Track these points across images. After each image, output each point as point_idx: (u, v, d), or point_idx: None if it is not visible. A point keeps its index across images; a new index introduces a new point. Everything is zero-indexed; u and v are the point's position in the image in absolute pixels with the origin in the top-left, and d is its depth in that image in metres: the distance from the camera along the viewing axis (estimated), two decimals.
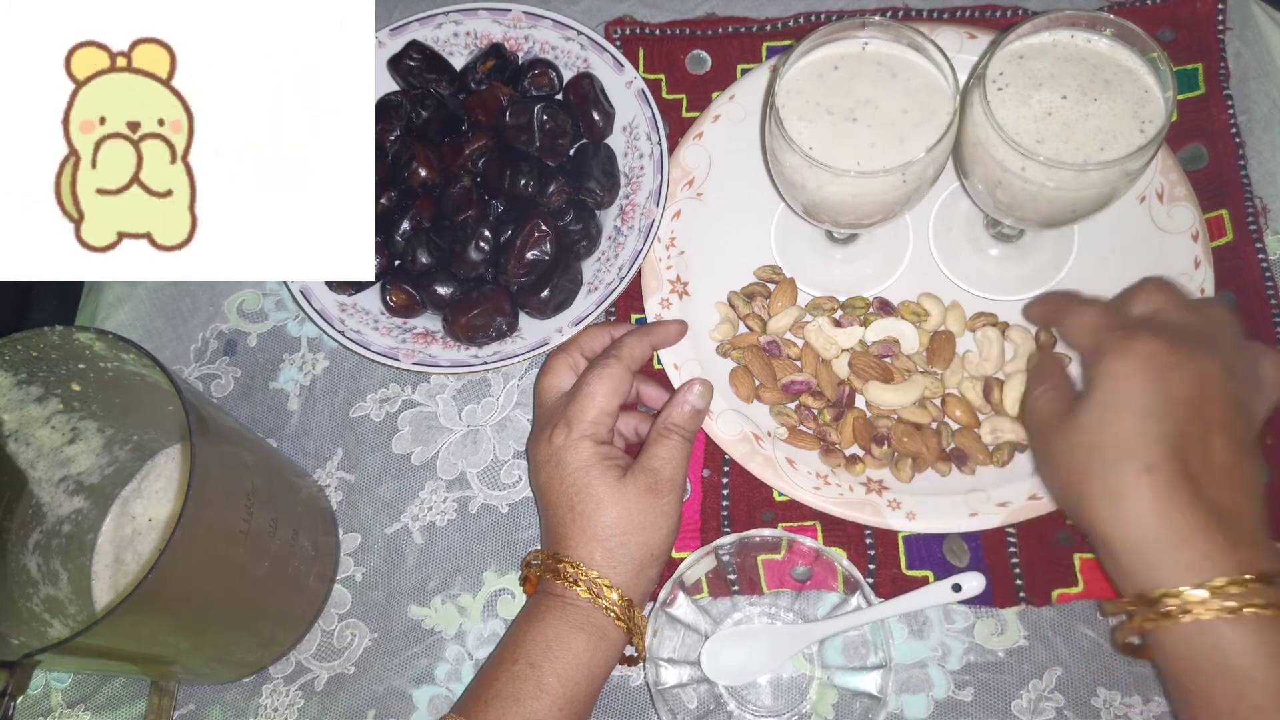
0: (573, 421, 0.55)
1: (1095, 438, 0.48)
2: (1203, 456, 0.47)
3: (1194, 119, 0.68)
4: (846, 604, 0.58)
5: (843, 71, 0.55)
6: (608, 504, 0.53)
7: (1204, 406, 0.47)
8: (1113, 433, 0.47)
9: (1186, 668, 0.46)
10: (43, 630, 0.56)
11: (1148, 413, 0.47)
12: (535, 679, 0.51)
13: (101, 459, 0.61)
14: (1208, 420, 0.47)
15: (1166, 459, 0.46)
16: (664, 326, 0.62)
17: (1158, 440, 0.46)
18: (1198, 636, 0.45)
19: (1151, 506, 0.46)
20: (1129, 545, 0.47)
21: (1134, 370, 0.48)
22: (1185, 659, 0.46)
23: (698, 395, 0.57)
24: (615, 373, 0.56)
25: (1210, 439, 0.47)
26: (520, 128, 0.65)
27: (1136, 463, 0.46)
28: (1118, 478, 0.47)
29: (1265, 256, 0.64)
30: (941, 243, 0.66)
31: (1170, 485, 0.46)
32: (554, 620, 0.52)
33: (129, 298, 0.71)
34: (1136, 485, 0.46)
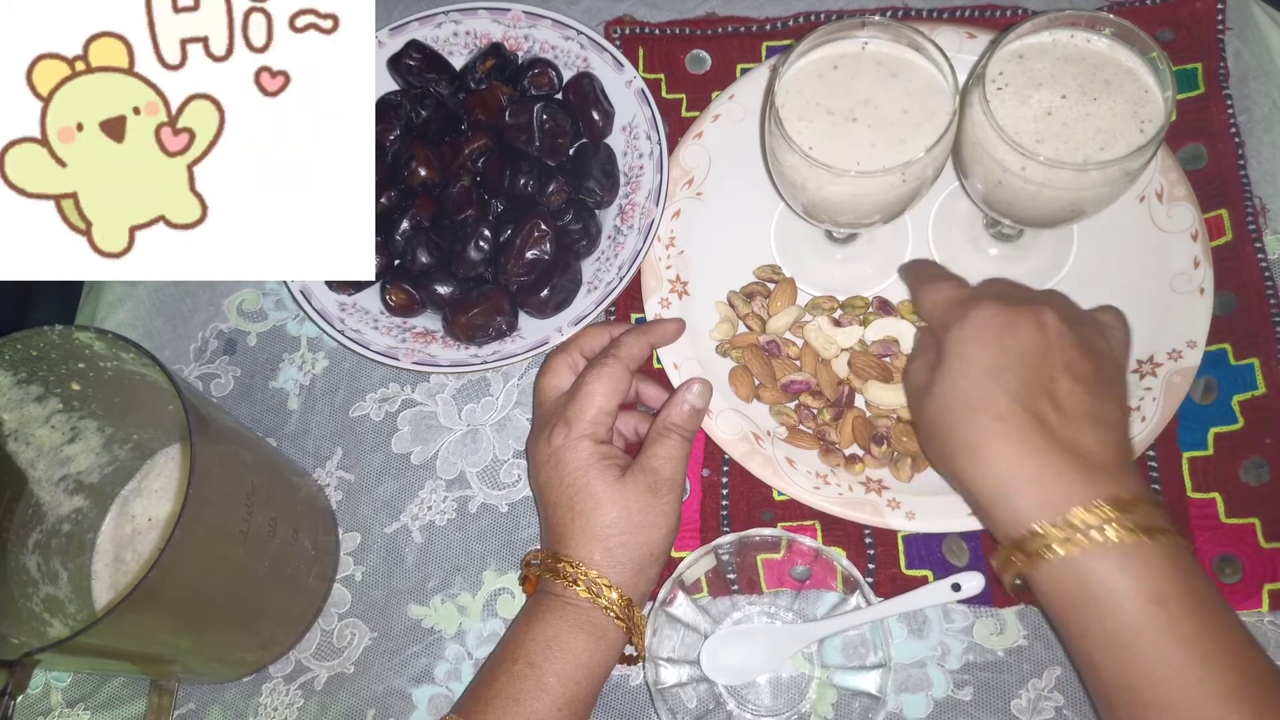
0: (572, 421, 0.55)
1: (949, 399, 0.51)
2: (1052, 400, 0.49)
3: (1194, 119, 0.68)
4: (846, 603, 0.58)
5: (843, 71, 0.56)
6: (607, 503, 0.53)
7: (1047, 354, 0.50)
8: (963, 390, 0.50)
9: (1061, 604, 0.48)
10: (43, 629, 0.56)
11: (991, 369, 0.50)
12: (535, 679, 0.51)
13: (101, 458, 0.61)
14: (1053, 366, 0.50)
15: (1014, 407, 0.49)
16: (662, 325, 0.62)
17: (1005, 391, 0.49)
18: (1065, 572, 0.47)
19: (1006, 452, 0.48)
20: (992, 493, 0.49)
21: (975, 333, 0.51)
22: (1059, 596, 0.47)
23: (696, 395, 0.57)
24: (614, 372, 0.56)
25: (1057, 383, 0.50)
26: (520, 127, 0.65)
27: (987, 414, 0.49)
28: (973, 431, 0.49)
29: (1265, 256, 0.64)
30: (941, 243, 0.66)
31: (1021, 430, 0.48)
32: (553, 620, 0.52)
33: (129, 297, 0.71)
34: (990, 434, 0.49)
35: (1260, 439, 0.60)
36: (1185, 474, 0.60)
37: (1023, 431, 0.48)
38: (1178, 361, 0.60)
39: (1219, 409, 0.61)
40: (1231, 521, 0.59)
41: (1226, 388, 0.62)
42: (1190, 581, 0.46)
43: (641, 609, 0.54)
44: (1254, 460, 0.60)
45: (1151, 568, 0.45)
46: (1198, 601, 0.45)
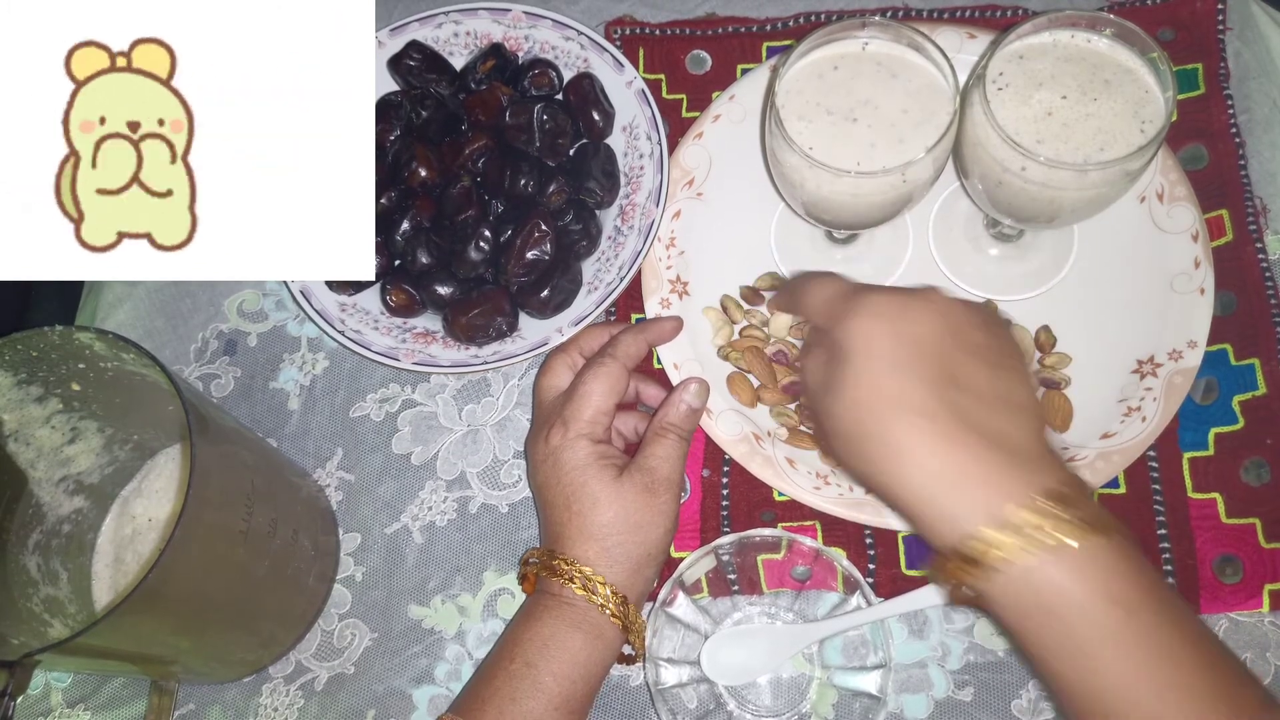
0: (569, 420, 0.55)
1: (856, 395, 0.46)
2: (962, 386, 0.45)
3: (1194, 119, 0.68)
4: (846, 604, 0.58)
5: (843, 71, 0.55)
6: (605, 503, 0.53)
7: (952, 339, 0.46)
8: (870, 385, 0.45)
9: (1015, 614, 0.43)
10: (43, 630, 0.56)
11: (897, 360, 0.45)
12: (532, 678, 0.51)
13: (101, 459, 0.61)
14: (960, 352, 0.46)
15: (928, 398, 0.44)
16: (659, 323, 0.62)
17: (919, 381, 0.44)
18: (1015, 581, 0.42)
19: (931, 448, 0.44)
20: (921, 495, 0.44)
21: (869, 324, 0.46)
22: (1011, 605, 0.43)
23: (694, 394, 0.57)
24: (611, 371, 0.56)
25: (964, 366, 0.46)
26: (520, 128, 0.65)
27: (904, 409, 0.44)
28: (891, 427, 0.44)
29: (1265, 256, 0.64)
30: (941, 242, 0.66)
31: (942, 422, 0.44)
32: (550, 619, 0.52)
33: (129, 298, 0.71)
34: (909, 433, 0.44)
35: (1261, 439, 0.60)
36: (1186, 474, 0.60)
37: (944, 424, 0.44)
38: (1178, 362, 0.60)
39: (1220, 409, 0.61)
40: (1232, 522, 0.59)
41: (1227, 388, 0.62)
42: (1148, 581, 0.42)
43: (640, 609, 0.54)
44: (1255, 460, 0.60)
45: (1107, 569, 0.42)
46: (1161, 603, 0.42)
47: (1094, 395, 0.61)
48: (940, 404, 0.44)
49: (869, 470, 0.46)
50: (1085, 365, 0.62)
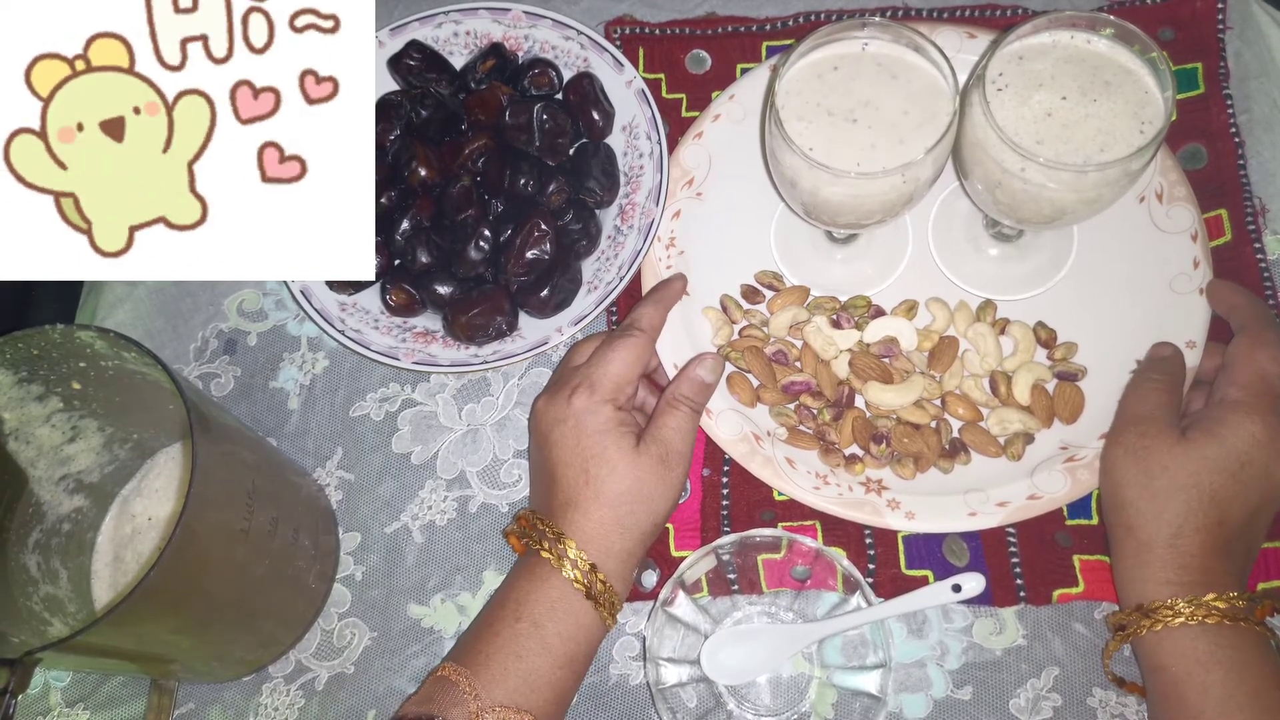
0: (596, 385, 0.55)
1: (1195, 479, 0.52)
2: (1246, 520, 0.53)
3: (1193, 118, 0.68)
4: (846, 604, 0.58)
5: (843, 72, 0.56)
6: (622, 471, 0.53)
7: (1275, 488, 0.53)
8: (1210, 483, 0.52)
9: (1186, 662, 0.50)
10: (42, 629, 0.56)
11: (1241, 480, 0.52)
12: (539, 637, 0.51)
13: (102, 457, 0.61)
14: (1271, 494, 0.53)
15: (1224, 522, 0.52)
16: (668, 285, 0.63)
17: (1234, 507, 0.52)
18: (1197, 637, 0.50)
19: (1217, 534, 0.52)
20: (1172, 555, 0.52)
21: (1267, 442, 0.52)
22: (1183, 655, 0.50)
23: (709, 369, 0.58)
24: (640, 342, 0.57)
25: (1262, 511, 0.53)
26: (520, 127, 0.65)
27: (1207, 518, 0.52)
28: (1186, 519, 0.52)
29: (1264, 256, 0.64)
30: (941, 243, 0.66)
31: (1214, 540, 0.52)
32: (559, 582, 0.52)
33: (129, 297, 0.71)
34: (1195, 535, 0.52)
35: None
36: None
37: (1215, 542, 0.52)
38: None
39: None
40: None
41: None
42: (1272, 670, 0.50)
43: (632, 578, 0.55)
44: None
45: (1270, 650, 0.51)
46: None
47: (1093, 395, 0.61)
48: (1226, 528, 0.52)
49: (1128, 514, 0.54)
50: (1084, 365, 0.62)
